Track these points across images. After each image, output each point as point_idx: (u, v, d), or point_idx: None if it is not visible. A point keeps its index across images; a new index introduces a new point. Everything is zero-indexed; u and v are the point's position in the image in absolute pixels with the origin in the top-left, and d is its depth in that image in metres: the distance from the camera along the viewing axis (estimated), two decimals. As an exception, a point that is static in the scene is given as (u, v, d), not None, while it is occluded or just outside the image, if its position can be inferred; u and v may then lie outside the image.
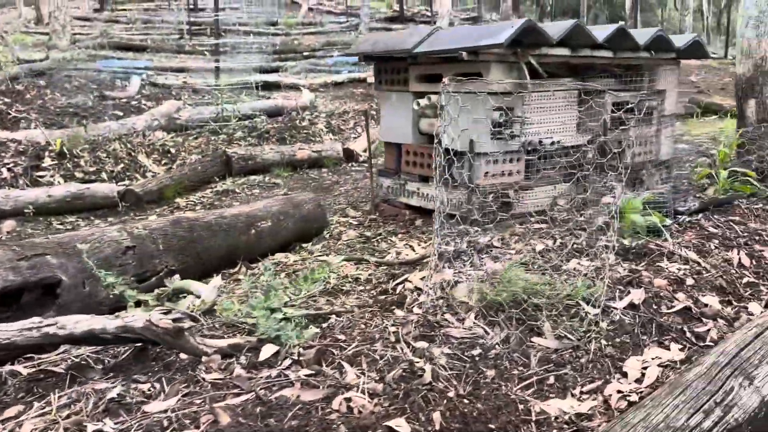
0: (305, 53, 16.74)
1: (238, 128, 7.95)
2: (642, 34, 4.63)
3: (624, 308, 2.66)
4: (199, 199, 5.90)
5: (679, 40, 5.00)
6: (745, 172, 4.32)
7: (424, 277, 3.09)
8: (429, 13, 21.51)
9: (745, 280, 3.13)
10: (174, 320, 2.16)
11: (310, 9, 23.97)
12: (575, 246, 3.30)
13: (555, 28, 4.16)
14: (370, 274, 3.27)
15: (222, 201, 5.86)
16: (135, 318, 2.16)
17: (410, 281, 3.08)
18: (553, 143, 4.49)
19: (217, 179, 6.50)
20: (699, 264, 3.16)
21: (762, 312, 2.79)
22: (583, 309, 2.60)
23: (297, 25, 20.59)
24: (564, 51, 4.30)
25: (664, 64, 5.12)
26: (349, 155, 7.65)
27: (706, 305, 2.83)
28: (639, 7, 18.10)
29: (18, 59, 12.40)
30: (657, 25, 31.89)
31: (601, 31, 4.38)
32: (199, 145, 7.26)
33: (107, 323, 2.17)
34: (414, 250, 3.86)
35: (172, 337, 2.17)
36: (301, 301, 2.91)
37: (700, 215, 3.75)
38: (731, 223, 3.63)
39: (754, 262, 3.29)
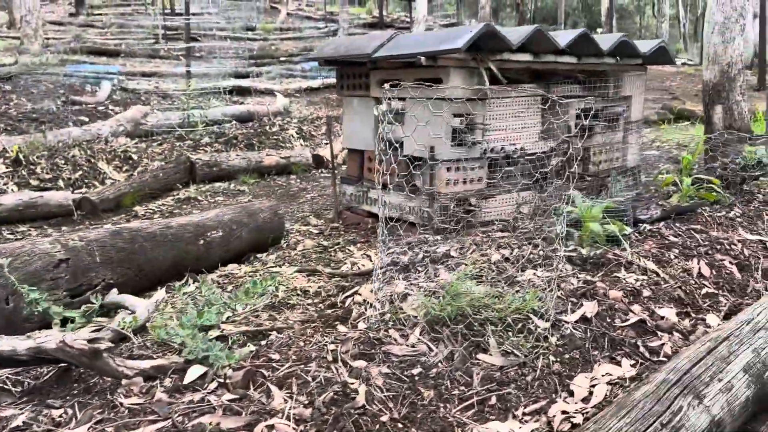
0: (282, 58, 16.59)
1: (206, 134, 7.78)
2: (606, 40, 4.57)
3: (576, 322, 2.56)
4: (159, 207, 5.73)
5: (645, 46, 4.96)
6: (709, 179, 4.27)
7: (373, 290, 2.97)
8: (408, 19, 21.48)
9: (704, 290, 3.05)
10: (90, 341, 2.01)
11: (289, 14, 23.84)
12: (532, 256, 3.20)
13: (516, 33, 4.08)
14: (320, 287, 3.14)
15: (183, 209, 5.69)
16: (48, 338, 2.01)
17: (360, 294, 2.96)
18: (515, 150, 4.41)
19: (180, 186, 6.32)
20: (657, 274, 3.08)
21: (719, 324, 2.71)
22: (533, 323, 2.49)
23: (275, 31, 20.44)
24: (526, 57, 4.23)
25: (630, 70, 5.07)
26: (319, 162, 7.52)
27: (662, 318, 2.74)
28: (614, 13, 18.22)
29: (-15, 63, 12.12)
30: (635, 32, 32.25)
31: (563, 37, 4.31)
32: (162, 151, 7.07)
33: (18, 344, 2.02)
34: (371, 261, 3.74)
35: (89, 358, 2.02)
36: (244, 316, 2.77)
37: (662, 223, 3.68)
38: (692, 232, 3.56)
39: (714, 272, 3.21)
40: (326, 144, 8.66)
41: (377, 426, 1.87)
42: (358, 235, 4.39)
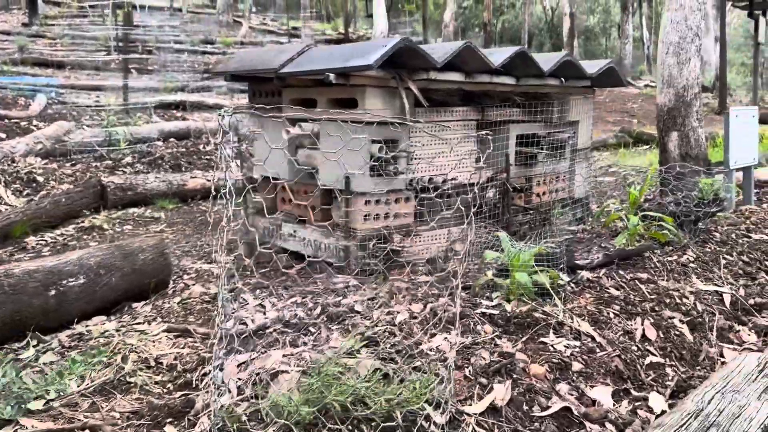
0: (237, 73, 15.97)
1: (129, 153, 7.11)
2: (547, 60, 4.10)
3: (481, 414, 2.00)
4: (56, 237, 5.04)
5: (592, 67, 4.51)
6: (660, 216, 3.80)
7: (242, 363, 2.38)
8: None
9: (648, 360, 2.53)
10: None
11: (252, 29, 23.27)
12: (445, 315, 2.65)
13: (441, 50, 3.57)
14: (179, 355, 2.53)
15: (83, 240, 5.02)
16: None
17: (224, 368, 2.36)
18: (445, 181, 3.88)
19: (88, 213, 5.64)
20: (593, 339, 2.56)
21: (663, 411, 2.19)
22: (426, 416, 1.93)
23: (235, 45, 19.82)
24: (455, 76, 3.72)
25: (576, 93, 4.62)
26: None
27: (593, 402, 2.20)
28: (576, 34, 18.10)
29: None
30: (601, 53, 32.48)
31: (498, 55, 3.82)
32: (74, 172, 6.37)
33: None
34: (265, 314, 3.14)
35: None
36: (63, 404, 2.15)
37: (603, 270, 3.17)
38: (638, 282, 3.06)
39: (662, 335, 2.70)
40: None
41: None
42: (263, 278, 3.79)
